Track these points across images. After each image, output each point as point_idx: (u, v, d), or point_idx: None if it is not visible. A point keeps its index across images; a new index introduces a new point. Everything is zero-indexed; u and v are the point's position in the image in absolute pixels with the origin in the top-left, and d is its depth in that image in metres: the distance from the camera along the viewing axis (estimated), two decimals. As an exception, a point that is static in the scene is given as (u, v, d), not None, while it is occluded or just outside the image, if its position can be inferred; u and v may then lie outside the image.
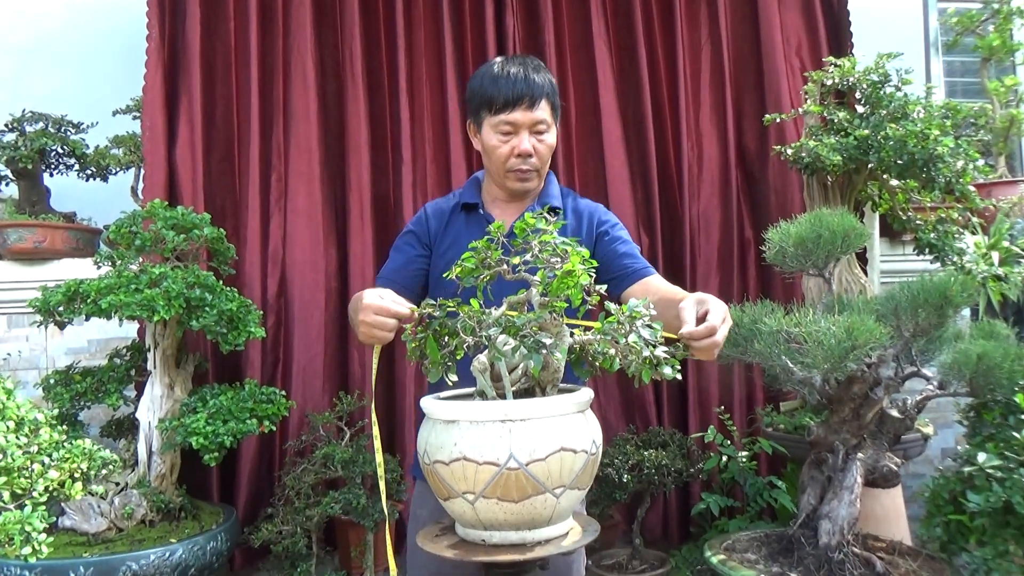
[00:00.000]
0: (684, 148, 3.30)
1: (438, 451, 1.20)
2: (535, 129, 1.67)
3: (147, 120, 2.91)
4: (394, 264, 1.79)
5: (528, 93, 1.65)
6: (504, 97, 1.65)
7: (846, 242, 1.93)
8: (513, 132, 1.66)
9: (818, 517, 1.82)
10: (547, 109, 1.68)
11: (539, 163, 1.70)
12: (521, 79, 1.65)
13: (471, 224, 1.78)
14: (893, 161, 2.58)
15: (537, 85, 1.66)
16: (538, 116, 1.66)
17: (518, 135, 1.66)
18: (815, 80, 2.93)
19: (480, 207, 1.78)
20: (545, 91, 1.68)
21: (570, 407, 1.21)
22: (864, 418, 1.86)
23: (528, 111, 1.65)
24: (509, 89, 1.65)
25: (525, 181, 1.71)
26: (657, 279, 1.65)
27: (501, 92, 1.65)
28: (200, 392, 2.47)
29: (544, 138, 1.69)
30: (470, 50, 3.21)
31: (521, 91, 1.64)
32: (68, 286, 2.31)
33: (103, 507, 2.29)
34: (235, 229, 3.03)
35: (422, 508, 1.73)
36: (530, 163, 1.68)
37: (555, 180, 1.86)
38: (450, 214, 1.81)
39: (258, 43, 3.05)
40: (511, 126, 1.66)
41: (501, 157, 1.68)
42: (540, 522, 1.20)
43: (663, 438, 3.03)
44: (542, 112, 1.67)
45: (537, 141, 1.68)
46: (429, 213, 1.83)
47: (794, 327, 1.69)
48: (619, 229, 1.76)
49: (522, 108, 1.64)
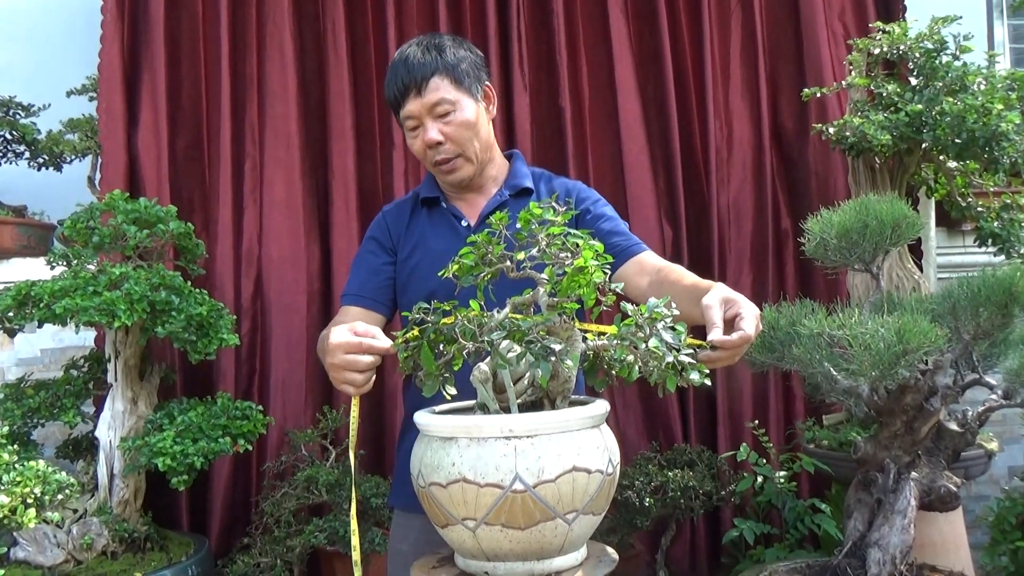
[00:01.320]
0: (711, 128, 3.30)
1: (434, 472, 1.20)
2: (435, 113, 1.67)
3: (104, 101, 2.93)
4: (359, 278, 1.80)
5: (410, 78, 1.65)
6: (393, 92, 1.68)
7: (897, 232, 1.92)
8: (418, 125, 1.69)
9: (867, 545, 1.81)
10: (443, 86, 1.67)
11: (456, 147, 1.70)
12: (403, 67, 1.67)
13: (435, 220, 1.80)
14: (950, 140, 2.57)
15: (418, 65, 1.66)
16: (430, 99, 1.66)
17: (423, 125, 1.68)
18: (860, 49, 2.92)
19: (442, 200, 1.80)
20: (433, 68, 1.67)
21: (583, 421, 1.21)
22: (918, 432, 1.86)
23: (418, 97, 1.66)
24: (395, 83, 1.68)
25: (452, 171, 1.73)
26: (651, 256, 1.67)
27: (390, 88, 1.69)
28: (167, 407, 2.48)
29: (451, 119, 1.68)
30: (468, 18, 3.21)
31: (404, 79, 1.66)
32: (18, 289, 2.32)
33: (60, 537, 2.30)
34: (204, 223, 3.04)
35: (403, 542, 1.74)
36: (444, 150, 1.69)
37: (522, 159, 1.87)
38: (410, 213, 1.83)
39: (228, 12, 3.06)
40: (412, 119, 1.68)
41: (420, 154, 1.72)
42: (550, 552, 1.21)
43: (690, 456, 3.03)
44: (435, 92, 1.66)
45: (443, 124, 1.68)
46: (388, 217, 1.85)
47: (838, 329, 1.69)
48: (602, 205, 1.78)
49: (411, 97, 1.66)
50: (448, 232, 1.78)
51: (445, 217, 1.79)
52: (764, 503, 2.97)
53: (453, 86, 1.68)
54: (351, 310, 1.74)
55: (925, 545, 2.32)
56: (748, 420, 3.19)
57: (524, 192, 1.79)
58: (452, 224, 1.78)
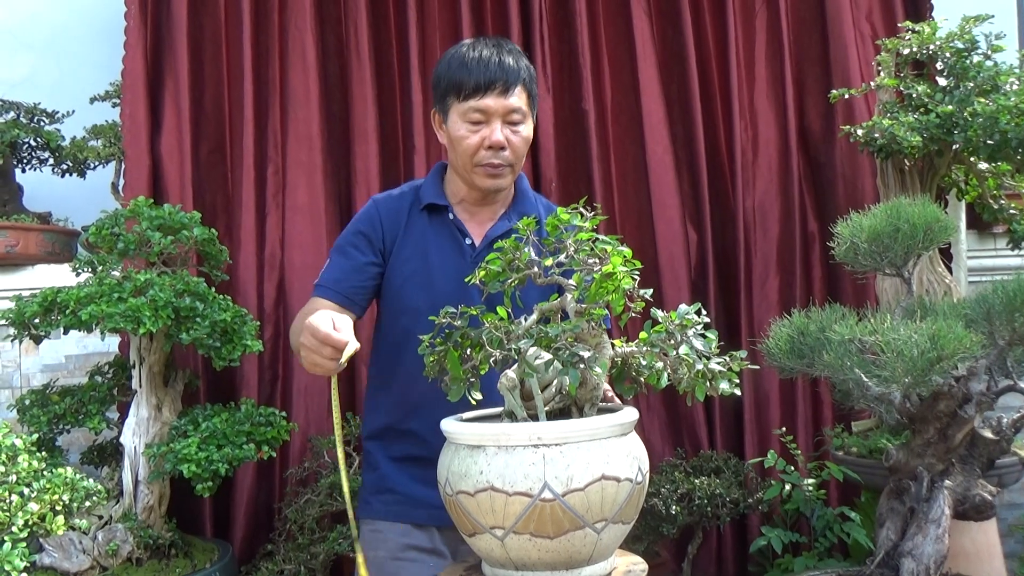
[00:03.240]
0: (736, 130, 3.29)
1: (461, 480, 1.21)
2: (509, 119, 1.68)
3: (127, 107, 2.96)
4: (338, 271, 1.76)
5: (502, 77, 1.66)
6: (475, 81, 1.66)
7: (928, 236, 1.90)
8: (484, 121, 1.67)
9: (899, 555, 1.79)
10: (523, 97, 1.70)
11: (512, 157, 1.71)
12: (495, 63, 1.66)
13: (438, 230, 1.77)
14: (982, 141, 2.55)
15: (512, 69, 1.68)
16: (512, 103, 1.67)
17: (489, 124, 1.67)
18: (889, 49, 2.90)
19: (449, 211, 1.78)
20: (521, 77, 1.69)
21: (612, 429, 1.21)
22: (952, 440, 1.84)
23: (501, 97, 1.66)
24: (481, 73, 1.66)
25: (497, 177, 1.71)
26: None
27: (472, 76, 1.66)
28: (191, 414, 2.51)
29: (519, 129, 1.70)
30: (489, 20, 3.22)
31: (494, 75, 1.66)
32: (44, 295, 2.35)
33: (85, 543, 2.33)
34: (227, 229, 3.07)
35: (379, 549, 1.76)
36: (502, 156, 1.69)
37: (527, 181, 1.87)
38: (408, 215, 1.79)
39: (251, 18, 3.09)
40: (482, 114, 1.67)
41: (469, 149, 1.69)
42: (579, 561, 1.21)
43: (716, 464, 3.01)
44: (517, 99, 1.68)
45: (511, 132, 1.69)
46: (382, 212, 1.80)
47: (869, 335, 1.67)
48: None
49: (495, 94, 1.66)
50: (452, 248, 1.76)
51: (449, 229, 1.77)
52: (792, 511, 2.95)
53: (528, 100, 1.72)
54: (322, 302, 1.71)
55: (958, 554, 2.30)
56: (775, 426, 3.17)
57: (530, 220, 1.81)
58: (457, 240, 1.77)
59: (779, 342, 1.77)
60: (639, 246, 3.18)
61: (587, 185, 3.20)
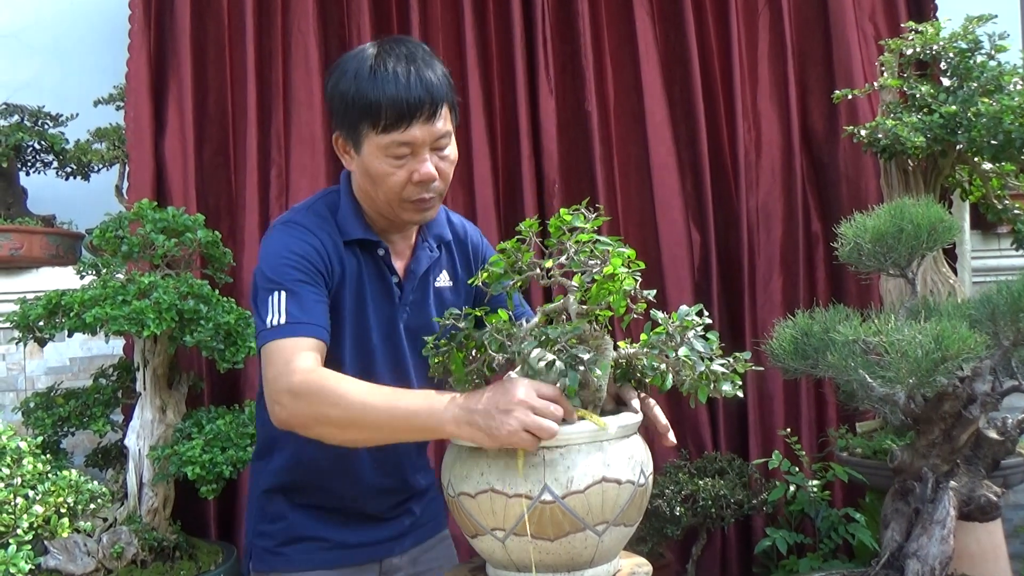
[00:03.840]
0: (739, 131, 3.28)
1: (463, 481, 1.21)
2: (436, 145, 1.44)
3: (131, 110, 2.97)
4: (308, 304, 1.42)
5: (427, 99, 1.39)
6: (396, 110, 1.38)
7: (932, 236, 1.90)
8: (410, 154, 1.42)
9: (904, 556, 1.79)
10: (448, 116, 1.46)
11: (443, 186, 1.49)
12: (415, 81, 1.39)
13: (369, 269, 1.55)
14: (986, 141, 2.54)
15: (435, 86, 1.41)
16: (439, 128, 1.43)
17: (417, 156, 1.42)
18: (892, 49, 2.90)
19: (380, 246, 1.55)
20: (444, 92, 1.43)
21: (613, 431, 1.21)
22: (957, 440, 1.83)
23: (428, 124, 1.41)
24: (401, 98, 1.38)
25: (427, 211, 1.50)
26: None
27: (391, 102, 1.38)
28: (195, 416, 2.51)
29: (447, 153, 1.47)
30: (492, 23, 3.22)
31: (418, 98, 1.38)
32: (48, 298, 2.36)
33: (90, 546, 2.34)
34: (231, 231, 3.07)
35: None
36: (433, 188, 1.46)
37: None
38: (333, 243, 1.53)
39: (254, 20, 3.09)
40: (407, 147, 1.41)
41: (396, 187, 1.44)
42: (580, 563, 1.21)
43: (720, 465, 3.01)
44: (443, 122, 1.43)
45: (439, 159, 1.45)
46: (324, 243, 1.50)
47: (873, 336, 1.67)
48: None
49: (420, 122, 1.39)
50: (381, 289, 1.56)
51: (380, 268, 1.56)
52: (796, 512, 2.95)
53: (451, 115, 1.48)
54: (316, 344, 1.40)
55: (963, 555, 2.29)
56: (780, 427, 3.16)
57: (445, 243, 1.64)
58: (387, 280, 1.57)
59: (783, 343, 1.77)
60: (642, 247, 3.18)
61: (590, 186, 3.20)
